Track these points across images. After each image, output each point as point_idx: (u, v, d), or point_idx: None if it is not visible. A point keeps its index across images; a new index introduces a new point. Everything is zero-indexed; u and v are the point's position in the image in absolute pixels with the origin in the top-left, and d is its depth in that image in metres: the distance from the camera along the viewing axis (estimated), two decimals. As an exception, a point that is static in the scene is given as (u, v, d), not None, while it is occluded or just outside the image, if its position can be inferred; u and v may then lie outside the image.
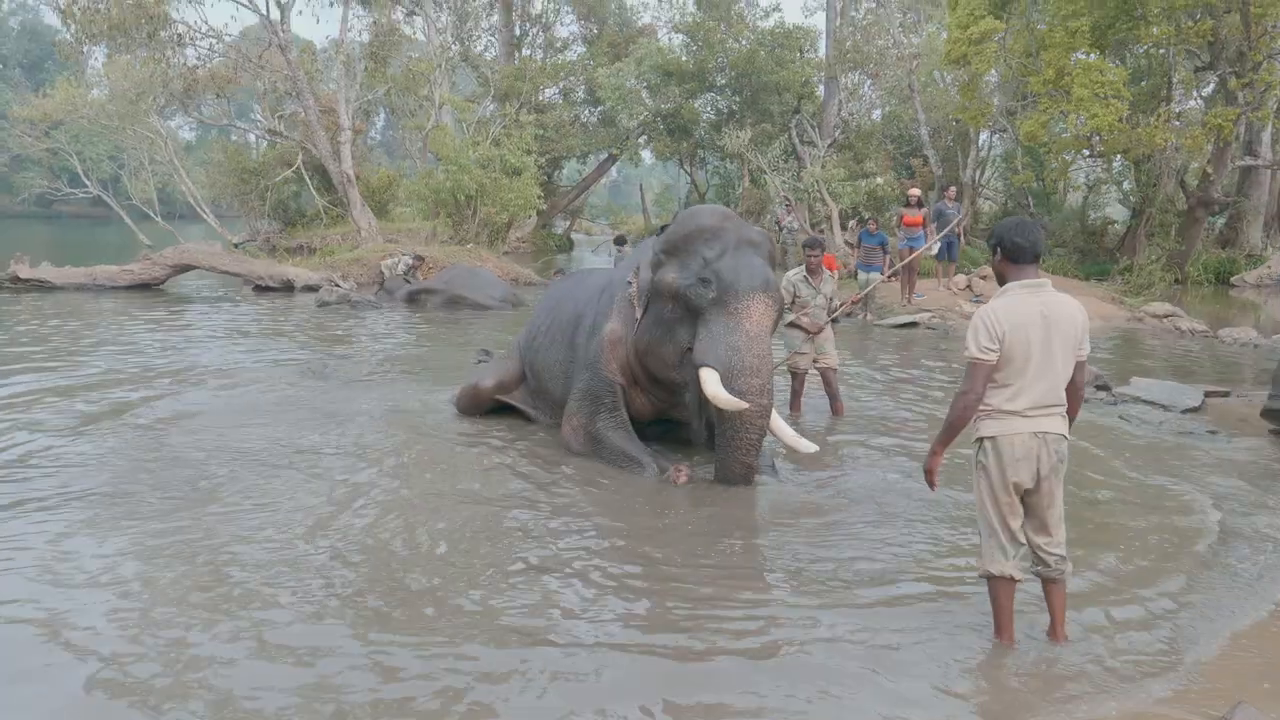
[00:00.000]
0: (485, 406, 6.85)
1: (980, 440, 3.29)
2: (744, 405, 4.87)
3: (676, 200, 40.09)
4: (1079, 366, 3.27)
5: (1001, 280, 3.35)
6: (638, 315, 5.43)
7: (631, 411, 5.73)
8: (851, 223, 18.77)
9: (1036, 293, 3.23)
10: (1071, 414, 3.31)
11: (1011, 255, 3.27)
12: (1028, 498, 3.29)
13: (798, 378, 7.11)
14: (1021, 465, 3.20)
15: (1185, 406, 7.47)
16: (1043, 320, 3.18)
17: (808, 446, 5.29)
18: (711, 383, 4.87)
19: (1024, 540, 3.31)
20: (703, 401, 5.14)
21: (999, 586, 3.34)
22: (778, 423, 5.26)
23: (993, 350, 3.17)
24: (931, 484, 3.46)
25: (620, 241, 13.03)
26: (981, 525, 3.36)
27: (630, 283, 5.57)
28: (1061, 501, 3.32)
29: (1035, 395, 3.19)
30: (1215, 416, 7.30)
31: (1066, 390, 3.26)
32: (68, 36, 19.93)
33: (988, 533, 3.32)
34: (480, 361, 8.48)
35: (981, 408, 3.26)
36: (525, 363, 6.67)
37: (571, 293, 6.58)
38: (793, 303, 6.84)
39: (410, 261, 15.56)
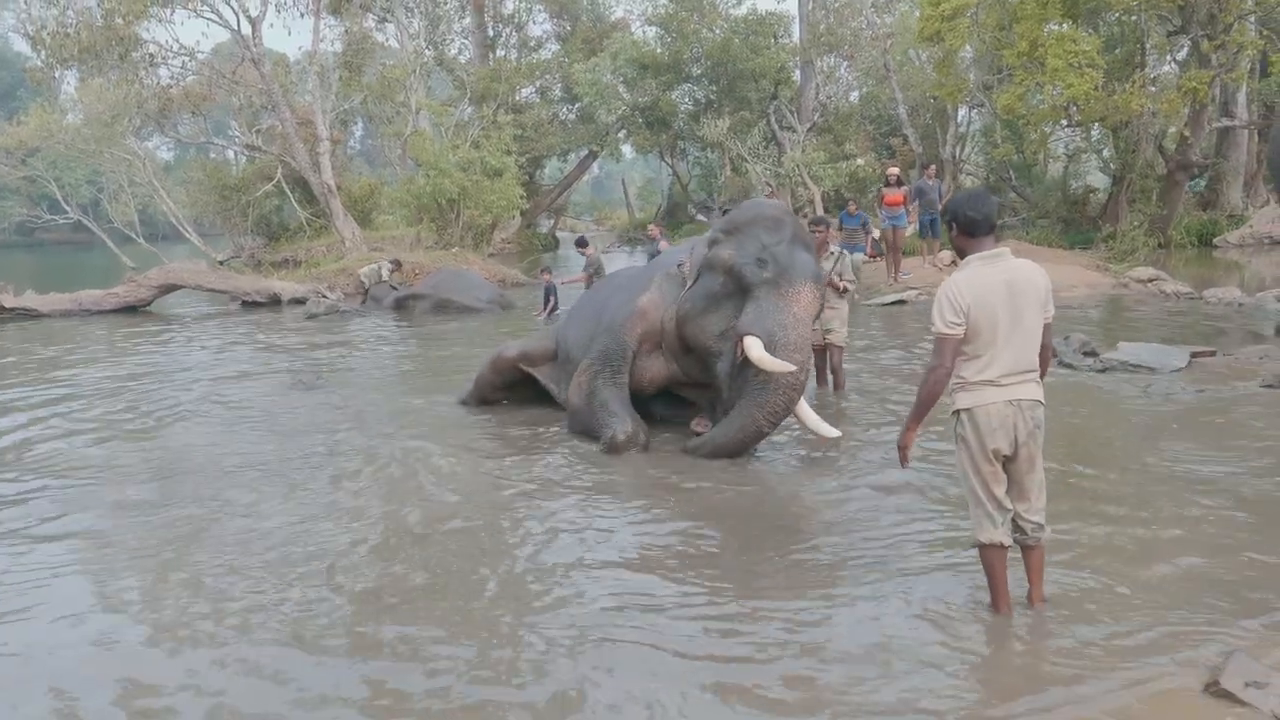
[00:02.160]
0: (506, 376, 6.98)
1: (957, 413, 3.32)
2: (790, 366, 5.12)
3: (659, 193, 40.01)
4: (1046, 329, 3.30)
5: (961, 254, 3.37)
6: (688, 286, 5.72)
7: (644, 379, 6.01)
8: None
9: (996, 262, 3.25)
10: (1040, 374, 3.32)
11: (966, 229, 3.30)
12: (1007, 465, 3.31)
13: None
14: (999, 434, 3.23)
15: (1172, 367, 7.53)
16: (1006, 288, 3.21)
17: (830, 431, 5.43)
18: (756, 348, 5.12)
19: (1010, 506, 3.34)
20: (729, 375, 5.45)
21: (991, 555, 3.37)
22: (802, 407, 5.43)
23: (958, 324, 3.21)
24: (904, 460, 3.48)
25: (582, 244, 13.22)
26: (968, 496, 3.39)
27: (682, 264, 5.89)
28: (1041, 468, 3.36)
29: (1006, 363, 3.22)
30: (1203, 376, 7.34)
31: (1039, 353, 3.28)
32: (38, 62, 19.88)
33: (974, 503, 3.35)
34: None
35: (955, 380, 3.29)
36: (559, 339, 6.88)
37: (613, 279, 7.10)
38: None
39: (390, 266, 15.51)
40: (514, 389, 7.09)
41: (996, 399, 3.22)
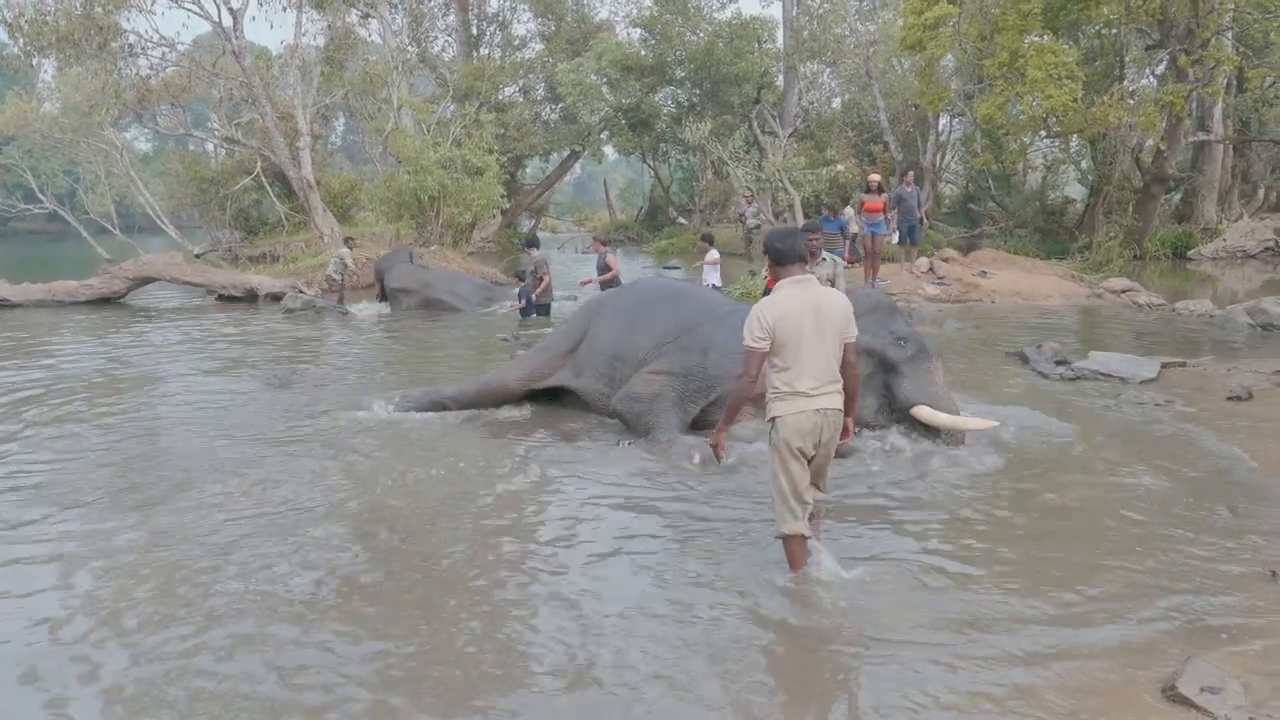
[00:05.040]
0: (508, 400, 6.98)
1: (772, 420, 3.71)
2: (984, 424, 5.71)
3: (640, 195, 40.16)
4: (848, 348, 3.73)
5: (775, 280, 3.79)
6: None
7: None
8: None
9: (804, 287, 3.69)
10: (849, 390, 3.74)
11: (776, 259, 3.77)
12: (809, 462, 3.74)
13: None
14: (807, 438, 3.66)
15: (1142, 378, 7.61)
16: (813, 310, 3.64)
17: (983, 423, 5.79)
18: (932, 413, 5.77)
19: (809, 501, 3.75)
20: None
21: (792, 543, 3.79)
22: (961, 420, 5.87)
23: (763, 339, 3.63)
24: (718, 457, 4.02)
25: (530, 244, 13.55)
26: (774, 494, 3.77)
27: None
28: (830, 463, 3.83)
29: (814, 376, 3.63)
30: (1171, 387, 7.43)
31: (842, 370, 3.70)
32: (16, 50, 19.60)
33: (780, 499, 3.74)
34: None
35: (771, 391, 3.70)
36: (586, 334, 6.89)
37: (700, 293, 7.05)
38: None
39: (348, 251, 15.24)
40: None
41: (806, 408, 3.64)
